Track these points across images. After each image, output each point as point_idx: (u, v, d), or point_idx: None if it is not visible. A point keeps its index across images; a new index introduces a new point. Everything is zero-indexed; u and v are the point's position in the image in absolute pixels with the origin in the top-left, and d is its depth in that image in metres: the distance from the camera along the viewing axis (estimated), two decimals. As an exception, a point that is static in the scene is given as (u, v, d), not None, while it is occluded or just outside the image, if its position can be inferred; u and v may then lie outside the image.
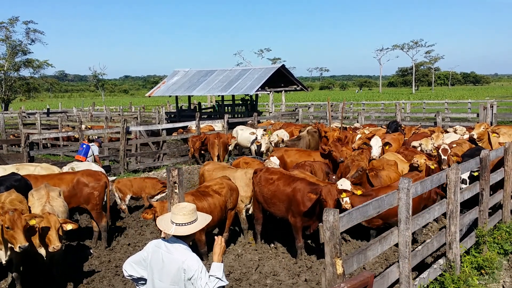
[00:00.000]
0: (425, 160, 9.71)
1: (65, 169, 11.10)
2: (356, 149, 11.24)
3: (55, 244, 6.59)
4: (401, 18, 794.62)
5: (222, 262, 4.13)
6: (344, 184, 7.83)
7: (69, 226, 6.90)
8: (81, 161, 13.45)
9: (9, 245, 6.60)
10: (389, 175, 9.70)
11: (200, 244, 8.15)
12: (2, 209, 6.57)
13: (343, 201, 7.54)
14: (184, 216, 4.12)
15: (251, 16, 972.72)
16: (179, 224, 4.11)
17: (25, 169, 10.28)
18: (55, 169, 10.79)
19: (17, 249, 6.29)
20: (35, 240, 6.76)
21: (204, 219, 4.31)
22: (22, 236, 6.30)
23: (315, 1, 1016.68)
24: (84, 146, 14.33)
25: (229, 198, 8.67)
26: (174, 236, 4.17)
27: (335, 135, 14.24)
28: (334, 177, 9.59)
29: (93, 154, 14.30)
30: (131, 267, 4.31)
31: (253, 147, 15.84)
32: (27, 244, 6.30)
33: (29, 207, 7.54)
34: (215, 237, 4.29)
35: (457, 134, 14.19)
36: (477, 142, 12.31)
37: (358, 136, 12.98)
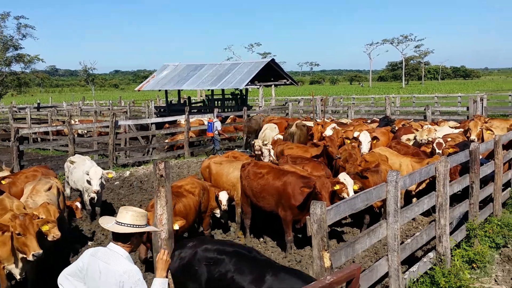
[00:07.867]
0: None
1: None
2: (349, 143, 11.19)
3: (54, 233, 6.30)
4: (391, 12, 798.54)
5: (166, 278, 3.77)
6: (345, 178, 7.97)
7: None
8: (210, 136, 18.15)
9: (20, 256, 6.04)
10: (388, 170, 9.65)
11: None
12: (12, 216, 5.96)
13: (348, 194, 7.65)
14: (132, 217, 3.69)
15: (241, 11, 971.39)
16: (120, 223, 3.69)
17: None
18: None
19: (30, 258, 5.72)
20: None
21: (150, 229, 3.91)
22: (35, 242, 5.73)
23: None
24: (209, 124, 17.95)
25: (201, 198, 8.24)
26: (114, 242, 3.73)
27: (319, 129, 14.07)
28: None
29: (217, 129, 17.59)
30: (67, 280, 3.82)
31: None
32: (41, 251, 5.75)
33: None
34: (160, 249, 3.99)
35: (450, 128, 14.19)
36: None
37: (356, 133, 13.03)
